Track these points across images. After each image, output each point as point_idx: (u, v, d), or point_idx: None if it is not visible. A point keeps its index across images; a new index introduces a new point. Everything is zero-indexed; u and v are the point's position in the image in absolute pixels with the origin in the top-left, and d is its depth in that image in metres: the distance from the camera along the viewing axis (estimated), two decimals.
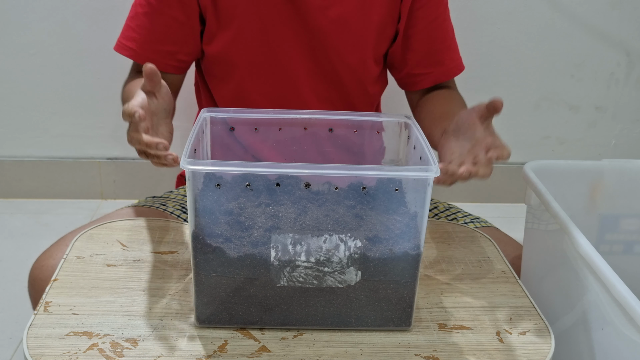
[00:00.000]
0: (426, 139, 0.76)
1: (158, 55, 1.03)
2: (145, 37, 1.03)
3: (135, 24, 1.04)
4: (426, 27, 1.07)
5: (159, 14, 1.02)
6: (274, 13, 1.03)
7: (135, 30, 1.03)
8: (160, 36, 1.03)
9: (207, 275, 0.71)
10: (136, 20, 1.03)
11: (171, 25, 1.02)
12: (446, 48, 1.11)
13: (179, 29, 1.03)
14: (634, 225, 1.02)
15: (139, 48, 1.03)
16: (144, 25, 1.03)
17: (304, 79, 1.08)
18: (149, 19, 1.02)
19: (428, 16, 1.07)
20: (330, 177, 0.68)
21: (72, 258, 0.85)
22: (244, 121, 0.84)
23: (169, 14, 1.01)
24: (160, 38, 1.03)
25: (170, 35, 1.03)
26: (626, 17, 1.88)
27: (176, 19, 1.02)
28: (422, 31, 1.08)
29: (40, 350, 0.68)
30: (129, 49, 1.04)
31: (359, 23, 1.05)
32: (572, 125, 2.03)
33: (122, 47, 1.04)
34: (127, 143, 0.75)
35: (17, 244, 1.76)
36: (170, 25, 1.02)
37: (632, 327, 0.68)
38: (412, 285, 0.72)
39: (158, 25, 1.02)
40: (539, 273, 0.93)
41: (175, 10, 1.01)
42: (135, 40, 1.03)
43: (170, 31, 1.03)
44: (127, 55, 1.04)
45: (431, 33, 1.08)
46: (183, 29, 1.03)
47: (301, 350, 0.71)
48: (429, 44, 1.09)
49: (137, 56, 1.04)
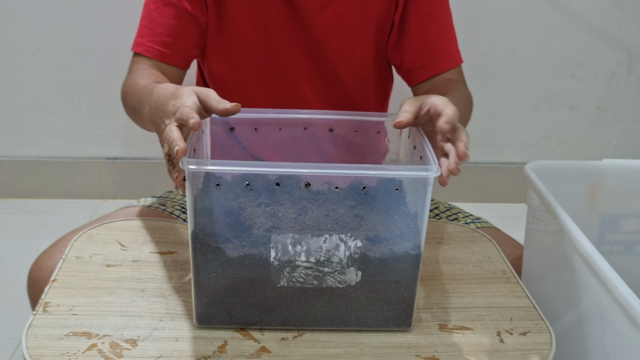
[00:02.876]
0: (427, 139, 0.76)
1: (167, 47, 1.03)
2: (157, 31, 1.03)
3: (147, 20, 1.04)
4: (421, 20, 1.07)
5: (171, 6, 1.02)
6: (273, 14, 1.03)
7: (147, 26, 1.03)
8: (172, 29, 1.03)
9: (206, 276, 0.71)
10: (148, 17, 1.03)
11: (183, 18, 1.02)
12: (442, 42, 1.10)
13: (190, 22, 1.03)
14: (634, 226, 1.02)
15: (150, 42, 1.03)
16: (154, 19, 1.03)
17: (305, 79, 1.08)
18: (158, 13, 1.02)
19: (423, 10, 1.06)
20: (330, 177, 0.68)
21: (72, 258, 0.85)
22: (244, 121, 0.84)
23: (180, 7, 1.01)
24: (172, 31, 1.03)
25: (182, 28, 1.03)
26: (627, 16, 1.88)
27: (186, 10, 1.02)
28: (416, 25, 1.07)
29: (40, 351, 0.68)
30: (140, 44, 1.03)
31: (358, 22, 1.05)
32: (572, 125, 2.02)
33: (136, 44, 1.04)
34: (158, 140, 0.72)
35: (17, 244, 1.75)
36: (181, 18, 1.02)
37: (633, 327, 0.67)
38: (413, 286, 0.72)
39: (170, 19, 1.02)
40: (539, 273, 0.93)
41: (185, 2, 1.02)
42: (146, 35, 1.03)
43: (181, 24, 1.02)
44: (139, 52, 1.04)
45: (426, 27, 1.08)
46: (192, 22, 1.03)
47: (301, 350, 0.71)
48: (423, 38, 1.08)
49: (147, 50, 1.03)
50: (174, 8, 1.02)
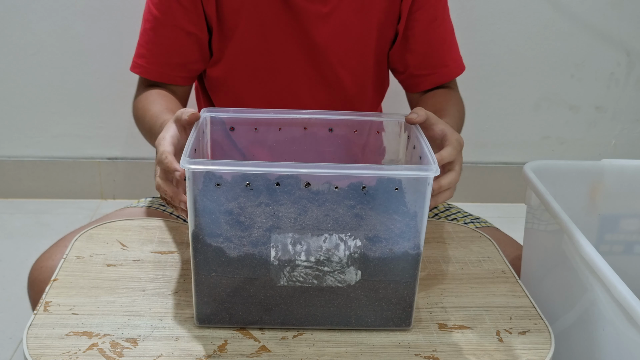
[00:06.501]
0: (426, 139, 0.76)
1: (168, 68, 1.03)
2: (153, 52, 1.03)
3: (144, 40, 1.03)
4: (425, 28, 1.07)
5: (165, 26, 1.01)
6: (274, 21, 1.03)
7: (144, 46, 1.03)
8: (169, 49, 1.02)
9: (207, 275, 0.71)
10: (144, 36, 1.03)
11: (178, 37, 1.02)
12: (446, 49, 1.11)
13: (187, 39, 1.02)
14: (634, 226, 1.02)
15: (149, 64, 1.03)
16: (151, 40, 1.03)
17: (304, 85, 1.08)
18: (155, 33, 1.02)
19: (427, 17, 1.07)
20: (330, 177, 0.68)
21: (72, 258, 0.85)
22: (244, 121, 0.84)
23: (175, 25, 1.01)
24: (169, 51, 1.03)
25: (178, 46, 1.02)
26: (626, 16, 1.88)
27: (183, 29, 1.01)
28: (421, 33, 1.07)
29: (40, 350, 0.68)
30: (139, 66, 1.04)
31: (359, 27, 1.05)
32: (572, 125, 2.03)
33: (135, 65, 1.05)
34: (153, 185, 0.76)
35: (17, 244, 1.76)
36: (177, 37, 1.02)
37: (633, 327, 0.68)
38: (412, 285, 0.72)
39: (165, 38, 1.02)
40: (539, 273, 0.93)
41: (181, 21, 1.00)
42: (145, 56, 1.03)
43: (177, 42, 1.02)
44: (138, 73, 1.04)
45: (431, 34, 1.08)
46: (190, 38, 1.02)
47: (301, 350, 0.71)
48: (428, 46, 1.09)
49: (147, 72, 1.04)
50: (171, 29, 1.01)
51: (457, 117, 1.03)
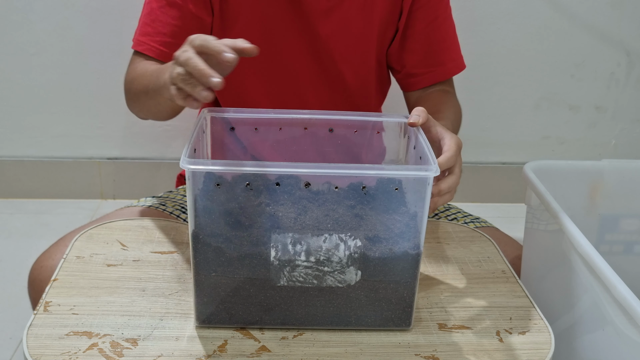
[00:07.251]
0: (426, 139, 0.76)
1: (174, 48, 1.03)
2: (160, 31, 1.02)
3: (150, 19, 1.02)
4: (425, 28, 1.07)
5: (175, 7, 1.01)
6: (277, 16, 1.03)
7: (151, 25, 1.02)
8: (176, 29, 1.02)
9: (207, 275, 0.71)
10: (151, 15, 1.02)
11: (186, 18, 1.01)
12: (445, 48, 1.11)
13: (194, 23, 1.02)
14: (633, 226, 1.02)
15: (155, 42, 1.02)
16: (158, 18, 1.02)
17: (307, 81, 1.08)
18: (163, 12, 1.01)
19: (428, 16, 1.07)
20: (330, 177, 0.68)
21: (72, 258, 0.85)
22: (244, 121, 0.84)
23: (184, 7, 1.01)
24: (176, 31, 1.02)
25: (186, 28, 1.02)
26: (626, 17, 1.88)
27: (190, 11, 1.01)
28: (421, 32, 1.07)
29: (40, 350, 0.68)
30: (143, 43, 1.02)
31: (362, 24, 1.05)
32: (572, 125, 2.03)
33: (139, 43, 1.03)
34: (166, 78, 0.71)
35: (17, 244, 1.76)
36: (185, 18, 1.01)
37: (632, 327, 0.68)
38: (412, 285, 0.72)
39: (174, 19, 1.01)
40: (539, 273, 0.93)
41: (189, 3, 1.01)
42: (149, 34, 1.02)
43: (185, 24, 1.02)
44: (142, 51, 1.03)
45: (430, 34, 1.08)
46: (196, 23, 1.02)
47: (301, 350, 0.71)
48: (428, 45, 1.09)
49: (150, 50, 1.03)
50: (178, 9, 1.01)
51: (453, 119, 1.03)
